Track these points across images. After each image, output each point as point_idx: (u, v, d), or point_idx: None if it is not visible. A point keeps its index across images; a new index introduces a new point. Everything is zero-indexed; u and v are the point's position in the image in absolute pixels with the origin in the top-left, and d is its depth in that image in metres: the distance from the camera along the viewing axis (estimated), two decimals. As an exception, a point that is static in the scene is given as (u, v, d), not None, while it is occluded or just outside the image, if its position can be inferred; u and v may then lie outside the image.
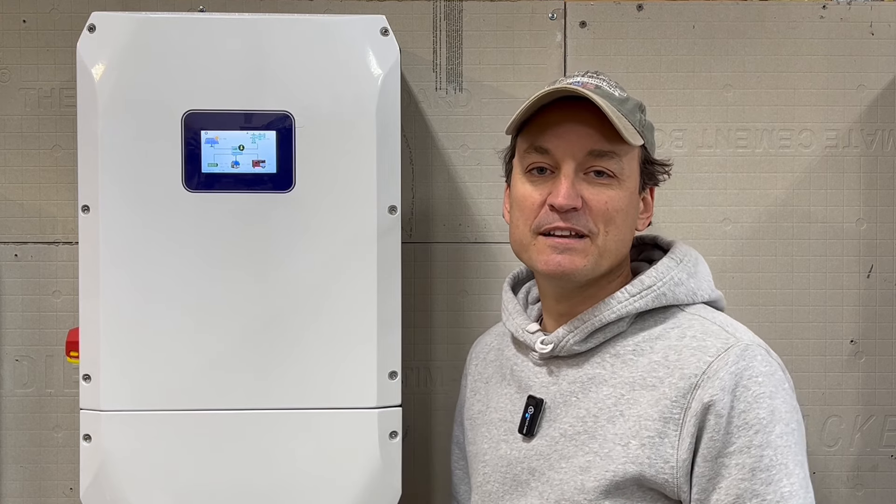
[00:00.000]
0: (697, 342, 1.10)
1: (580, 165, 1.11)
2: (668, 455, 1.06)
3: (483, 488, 1.20)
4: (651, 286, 1.13)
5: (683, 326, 1.12)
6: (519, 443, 1.16)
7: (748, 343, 1.08)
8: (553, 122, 1.12)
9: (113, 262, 1.31)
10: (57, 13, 1.63)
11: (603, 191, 1.11)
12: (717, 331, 1.10)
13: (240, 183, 1.32)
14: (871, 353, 1.66)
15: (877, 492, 1.66)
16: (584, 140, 1.11)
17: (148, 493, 1.31)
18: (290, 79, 1.32)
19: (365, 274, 1.32)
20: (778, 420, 1.04)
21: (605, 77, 1.18)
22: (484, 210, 1.65)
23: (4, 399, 1.65)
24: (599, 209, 1.11)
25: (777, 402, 1.05)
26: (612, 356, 1.13)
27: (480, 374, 1.31)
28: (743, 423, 1.04)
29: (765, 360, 1.08)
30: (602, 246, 1.12)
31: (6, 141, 1.63)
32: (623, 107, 1.13)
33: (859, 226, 1.65)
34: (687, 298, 1.14)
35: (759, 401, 1.04)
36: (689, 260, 1.17)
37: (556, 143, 1.11)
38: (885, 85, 1.64)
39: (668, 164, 1.21)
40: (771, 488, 1.02)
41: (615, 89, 1.15)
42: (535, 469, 1.13)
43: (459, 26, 1.65)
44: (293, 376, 1.32)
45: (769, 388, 1.05)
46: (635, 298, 1.12)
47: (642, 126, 1.16)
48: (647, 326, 1.14)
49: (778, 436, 1.04)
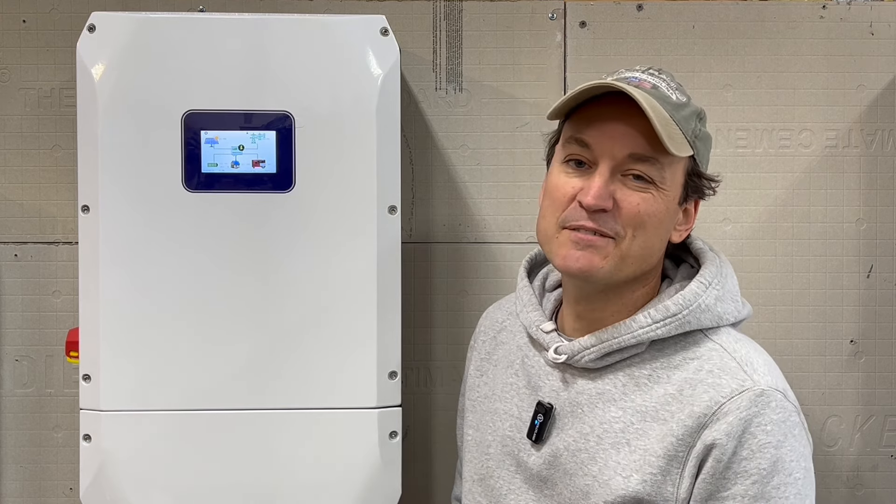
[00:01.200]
0: (713, 378, 1.05)
1: (619, 166, 1.06)
2: (668, 493, 1.03)
3: (487, 482, 1.19)
4: (676, 314, 1.08)
5: (703, 359, 1.08)
6: (528, 448, 1.14)
7: (764, 388, 1.04)
8: (600, 116, 1.07)
9: (113, 262, 1.31)
10: (57, 13, 1.63)
11: (637, 194, 1.06)
12: (736, 369, 1.06)
13: (240, 183, 1.32)
14: (871, 353, 1.66)
15: (877, 492, 1.66)
16: (626, 140, 1.05)
17: (148, 493, 1.32)
18: (290, 79, 1.32)
19: (365, 274, 1.32)
20: (779, 471, 1.01)
21: (666, 76, 1.12)
22: (484, 210, 1.65)
23: (4, 399, 1.65)
24: (630, 212, 1.06)
25: (783, 451, 1.02)
26: (626, 376, 1.10)
27: (489, 354, 1.27)
28: (742, 471, 1.01)
29: (779, 407, 1.04)
30: (625, 250, 1.07)
31: (6, 141, 1.63)
32: (678, 113, 1.07)
33: (859, 226, 1.65)
34: (711, 323, 1.10)
35: (763, 450, 1.01)
36: (718, 280, 1.12)
37: (597, 138, 1.07)
38: (885, 85, 1.64)
39: (716, 180, 1.14)
40: None
41: (674, 92, 1.09)
42: (546, 478, 1.12)
43: (459, 26, 1.65)
44: (293, 376, 1.32)
45: (777, 438, 1.02)
46: (658, 325, 1.08)
47: (695, 136, 1.09)
48: (666, 352, 1.10)
49: (775, 487, 1.01)
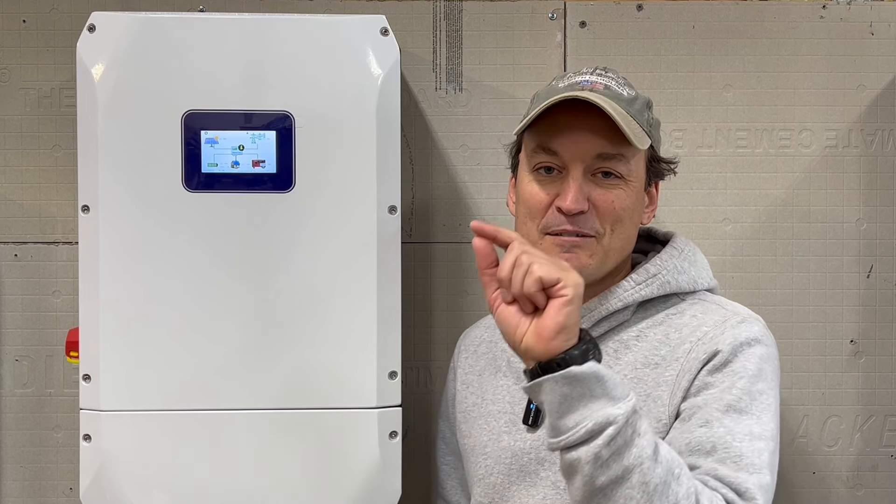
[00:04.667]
0: (697, 320, 1.14)
1: (588, 167, 1.12)
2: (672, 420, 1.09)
3: (486, 480, 1.20)
4: (656, 274, 1.16)
5: (685, 312, 1.16)
6: (523, 434, 1.17)
7: (745, 316, 1.14)
8: (562, 124, 1.12)
9: (113, 262, 1.31)
10: (57, 13, 1.63)
11: (610, 191, 1.13)
12: (716, 308, 1.16)
13: (240, 183, 1.32)
14: (871, 353, 1.66)
15: (877, 492, 1.66)
16: (592, 143, 1.11)
17: (148, 493, 1.31)
18: (290, 79, 1.32)
19: (365, 274, 1.32)
20: (762, 378, 1.08)
21: (613, 74, 1.18)
22: (484, 210, 1.65)
23: (4, 399, 1.65)
24: (607, 210, 1.12)
25: (766, 365, 1.09)
26: (615, 342, 1.16)
27: (472, 367, 1.31)
28: (730, 371, 1.07)
29: (761, 331, 1.12)
30: (608, 246, 1.14)
31: (6, 141, 1.63)
32: (632, 107, 1.14)
33: (859, 226, 1.65)
34: (688, 286, 1.18)
35: (750, 358, 1.08)
36: (689, 249, 1.21)
37: (565, 145, 1.12)
38: (885, 85, 1.64)
39: (673, 162, 1.23)
40: (740, 426, 1.04)
41: (623, 88, 1.16)
42: (543, 459, 1.14)
43: (459, 26, 1.65)
44: (293, 376, 1.32)
45: (761, 351, 1.10)
46: (641, 287, 1.15)
47: (650, 125, 1.16)
48: (650, 314, 1.17)
49: (759, 392, 1.07)
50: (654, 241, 1.26)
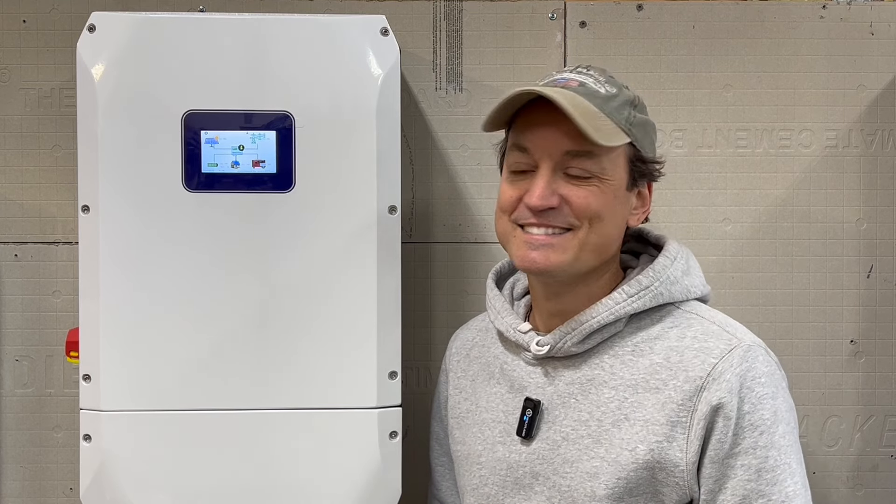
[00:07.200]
0: (699, 343, 1.10)
1: (558, 164, 1.10)
2: (678, 459, 1.06)
3: (480, 490, 1.19)
4: (648, 286, 1.13)
5: (682, 326, 1.13)
6: (517, 445, 1.15)
7: (749, 344, 1.09)
8: (533, 121, 1.12)
9: (113, 262, 1.31)
10: (57, 13, 1.63)
11: (581, 189, 1.10)
12: (718, 331, 1.11)
13: (240, 183, 1.32)
14: (871, 353, 1.66)
15: (877, 492, 1.66)
16: (560, 140, 1.09)
17: (148, 493, 1.32)
18: (290, 79, 1.32)
19: (365, 274, 1.32)
20: (780, 420, 1.06)
21: (594, 72, 1.15)
22: (484, 210, 1.65)
23: (4, 399, 1.65)
24: (581, 206, 1.10)
25: (778, 402, 1.07)
26: (610, 356, 1.13)
27: (464, 372, 1.30)
28: (749, 425, 1.05)
29: (766, 361, 1.09)
30: (584, 239, 1.10)
31: (6, 141, 1.63)
32: (607, 105, 1.11)
33: (859, 226, 1.65)
34: (682, 296, 1.15)
35: (762, 402, 1.06)
36: (682, 257, 1.17)
37: (534, 141, 1.11)
38: (885, 85, 1.64)
39: (658, 163, 1.18)
40: (776, 488, 1.04)
41: (602, 86, 1.12)
42: (538, 473, 1.13)
43: (459, 26, 1.65)
44: (293, 376, 1.32)
45: (771, 389, 1.07)
46: (633, 299, 1.12)
47: (630, 123, 1.12)
48: (644, 326, 1.14)
49: (781, 436, 1.06)
50: (647, 243, 1.23)
